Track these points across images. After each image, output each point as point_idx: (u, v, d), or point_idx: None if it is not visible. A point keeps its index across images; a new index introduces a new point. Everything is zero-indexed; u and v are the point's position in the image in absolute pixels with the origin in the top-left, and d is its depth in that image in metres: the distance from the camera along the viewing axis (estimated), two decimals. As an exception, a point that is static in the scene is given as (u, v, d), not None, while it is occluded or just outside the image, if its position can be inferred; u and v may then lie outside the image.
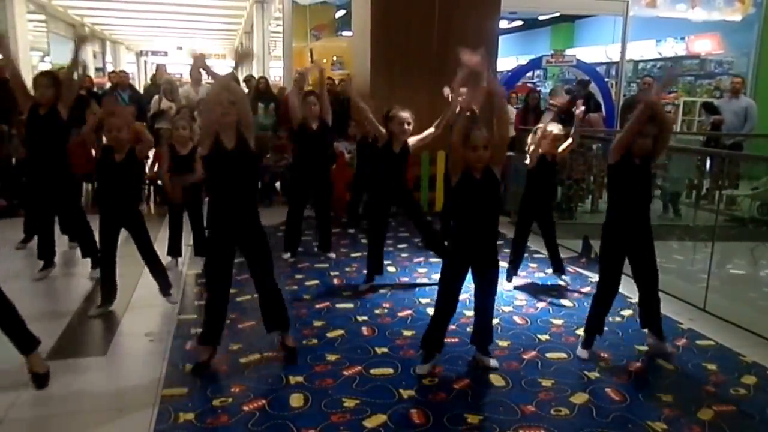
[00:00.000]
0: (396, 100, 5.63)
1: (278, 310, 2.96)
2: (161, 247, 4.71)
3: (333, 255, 4.79)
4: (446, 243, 2.93)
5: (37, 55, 12.94)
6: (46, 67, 12.27)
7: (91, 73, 13.87)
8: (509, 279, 4.16)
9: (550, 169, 4.06)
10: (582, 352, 3.07)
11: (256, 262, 2.87)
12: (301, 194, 4.75)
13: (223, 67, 19.28)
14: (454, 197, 2.84)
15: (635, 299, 3.90)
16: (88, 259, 4.23)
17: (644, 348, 3.20)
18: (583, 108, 4.03)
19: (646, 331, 3.21)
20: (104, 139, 3.50)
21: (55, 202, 4.05)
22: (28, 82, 4.02)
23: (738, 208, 6.79)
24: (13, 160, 6.30)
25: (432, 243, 4.29)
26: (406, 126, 4.00)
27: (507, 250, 5.12)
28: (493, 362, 2.95)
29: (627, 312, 3.71)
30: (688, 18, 10.21)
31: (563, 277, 4.22)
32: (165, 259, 4.51)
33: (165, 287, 3.69)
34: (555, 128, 4.00)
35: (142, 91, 9.33)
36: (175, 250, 4.54)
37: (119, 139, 3.34)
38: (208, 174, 2.78)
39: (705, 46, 11.77)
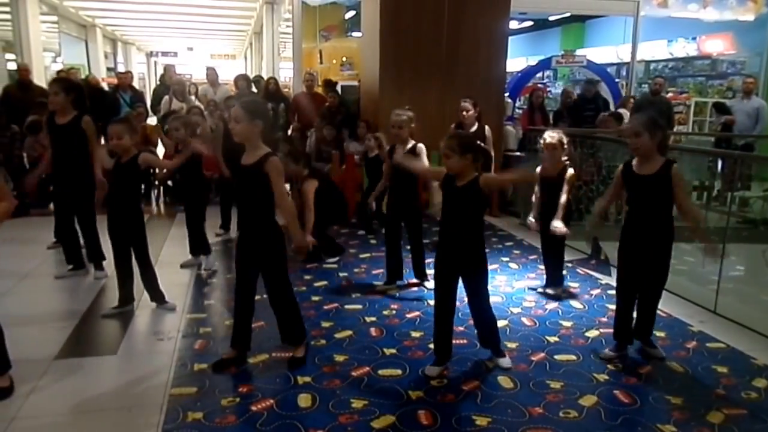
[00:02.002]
0: (405, 100, 5.63)
1: (290, 326, 2.95)
2: (171, 246, 4.76)
3: (315, 264, 4.61)
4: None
5: (49, 55, 13.07)
6: (58, 67, 12.38)
7: (103, 73, 14.01)
8: (546, 286, 4.07)
9: (554, 180, 3.79)
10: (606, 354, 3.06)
11: (267, 277, 2.87)
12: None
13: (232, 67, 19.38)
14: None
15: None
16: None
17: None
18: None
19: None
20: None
21: (75, 205, 4.09)
22: (42, 83, 4.09)
23: (750, 209, 6.72)
24: (26, 160, 6.39)
25: (418, 271, 4.14)
26: (397, 129, 3.81)
27: (517, 252, 5.14)
28: (506, 362, 2.95)
29: (637, 314, 3.67)
30: (700, 18, 10.12)
31: (548, 290, 4.01)
32: (187, 257, 4.54)
33: (157, 298, 3.63)
34: (548, 136, 3.78)
35: (150, 92, 9.39)
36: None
37: (120, 146, 3.37)
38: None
39: (717, 46, 11.66)
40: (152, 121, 7.88)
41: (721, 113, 7.69)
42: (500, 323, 3.47)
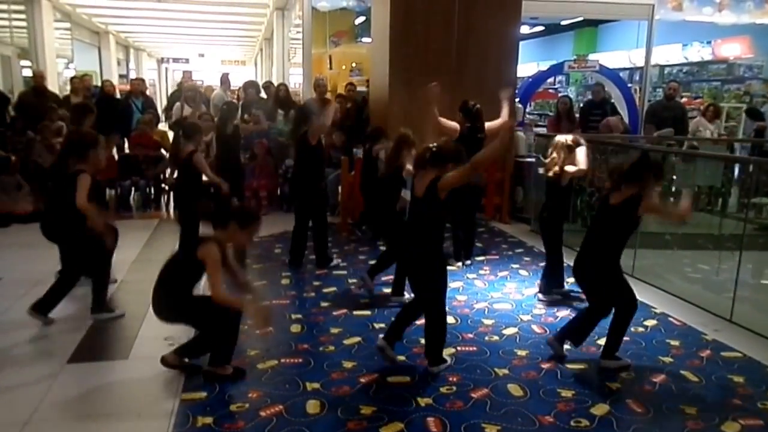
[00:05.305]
0: (414, 106, 5.62)
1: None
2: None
3: (324, 271, 4.61)
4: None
5: (62, 62, 13.25)
6: (70, 73, 12.55)
7: (115, 79, 14.15)
8: (543, 291, 4.02)
9: (559, 187, 3.80)
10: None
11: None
12: (300, 207, 4.75)
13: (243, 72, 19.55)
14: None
15: (659, 309, 3.85)
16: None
17: (668, 359, 3.13)
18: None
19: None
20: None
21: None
22: (55, 89, 4.11)
23: (765, 216, 6.61)
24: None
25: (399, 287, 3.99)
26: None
27: (527, 259, 5.11)
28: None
29: (650, 322, 3.63)
30: (715, 21, 10.01)
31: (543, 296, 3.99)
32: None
33: (95, 306, 3.54)
34: (562, 138, 3.80)
35: (165, 98, 9.47)
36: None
37: None
38: None
39: (734, 49, 11.50)
40: (163, 126, 7.95)
41: (754, 119, 7.56)
42: (510, 330, 3.46)
